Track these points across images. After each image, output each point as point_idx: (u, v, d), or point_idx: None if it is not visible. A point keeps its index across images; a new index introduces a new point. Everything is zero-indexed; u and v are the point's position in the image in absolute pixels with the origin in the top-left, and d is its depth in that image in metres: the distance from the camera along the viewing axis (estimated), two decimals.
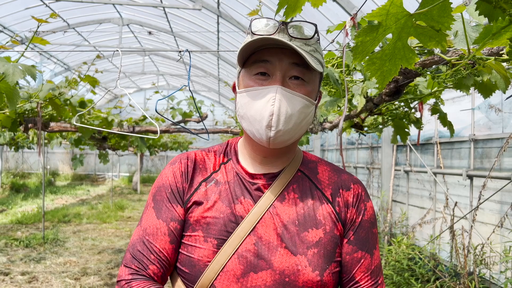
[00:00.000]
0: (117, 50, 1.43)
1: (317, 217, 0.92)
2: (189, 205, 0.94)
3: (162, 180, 0.98)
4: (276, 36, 0.87)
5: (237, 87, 0.96)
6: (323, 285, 0.89)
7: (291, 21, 0.90)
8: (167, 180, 0.97)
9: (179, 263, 0.92)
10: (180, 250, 0.93)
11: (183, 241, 0.92)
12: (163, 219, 0.93)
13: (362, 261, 0.93)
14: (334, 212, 0.94)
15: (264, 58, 0.89)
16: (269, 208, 0.92)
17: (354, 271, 0.93)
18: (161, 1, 8.49)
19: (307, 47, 0.88)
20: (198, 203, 0.93)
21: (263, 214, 0.91)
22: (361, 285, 0.93)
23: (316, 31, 0.90)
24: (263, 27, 0.89)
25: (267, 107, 0.87)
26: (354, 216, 0.95)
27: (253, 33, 0.89)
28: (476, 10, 0.80)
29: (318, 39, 0.92)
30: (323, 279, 0.88)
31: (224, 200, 0.93)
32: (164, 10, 9.13)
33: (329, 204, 0.95)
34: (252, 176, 0.96)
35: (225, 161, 1.00)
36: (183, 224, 0.93)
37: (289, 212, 0.92)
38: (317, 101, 0.96)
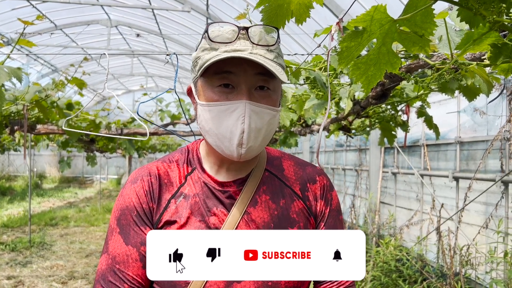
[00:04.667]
0: (104, 54, 1.42)
1: (291, 216, 0.93)
2: (160, 225, 0.90)
3: (125, 202, 0.91)
4: (237, 45, 0.83)
5: (196, 96, 0.91)
6: (303, 281, 0.91)
7: (250, 26, 0.86)
8: (131, 202, 0.91)
9: (157, 285, 0.88)
10: None
11: None
12: (132, 245, 0.88)
13: None
14: (306, 207, 0.95)
15: (227, 69, 0.84)
16: (243, 215, 0.90)
17: None
18: (150, 3, 8.45)
19: (270, 54, 0.85)
20: (170, 222, 0.89)
21: (238, 222, 0.89)
22: None
23: (278, 36, 0.88)
24: (222, 33, 0.85)
25: (237, 125, 0.83)
26: (323, 208, 0.97)
27: (210, 40, 0.84)
28: (457, 16, 0.82)
29: (279, 41, 0.88)
30: None
31: (196, 214, 0.90)
32: (153, 12, 9.09)
33: (300, 200, 0.96)
34: (221, 184, 0.93)
35: (189, 171, 0.95)
36: None
37: (264, 216, 0.91)
38: (280, 106, 0.93)
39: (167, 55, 1.34)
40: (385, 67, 0.88)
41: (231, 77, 0.84)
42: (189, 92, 0.95)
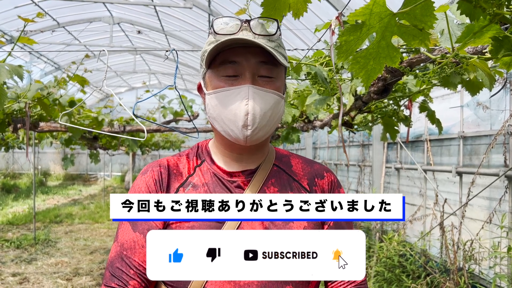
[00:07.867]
0: (103, 50, 1.42)
1: None
2: None
3: (135, 191, 0.94)
4: (240, 35, 0.87)
5: (204, 88, 0.95)
6: (303, 281, 0.91)
7: (252, 19, 0.90)
8: (140, 191, 0.94)
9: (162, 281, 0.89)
10: None
11: None
12: (139, 231, 0.90)
13: None
14: None
15: (231, 59, 0.89)
16: None
17: None
18: (152, 0, 8.44)
19: (271, 43, 0.89)
20: None
21: None
22: None
23: (278, 27, 0.91)
24: (226, 27, 0.89)
25: (242, 106, 0.87)
26: None
27: (216, 33, 0.89)
28: (458, 9, 0.82)
29: (280, 34, 0.92)
30: None
31: None
32: (155, 8, 9.08)
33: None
34: (230, 174, 0.95)
35: (199, 163, 0.98)
36: None
37: None
38: (284, 95, 0.96)
39: (167, 51, 1.34)
40: (384, 61, 0.87)
41: (235, 66, 0.89)
42: (199, 88, 0.98)
